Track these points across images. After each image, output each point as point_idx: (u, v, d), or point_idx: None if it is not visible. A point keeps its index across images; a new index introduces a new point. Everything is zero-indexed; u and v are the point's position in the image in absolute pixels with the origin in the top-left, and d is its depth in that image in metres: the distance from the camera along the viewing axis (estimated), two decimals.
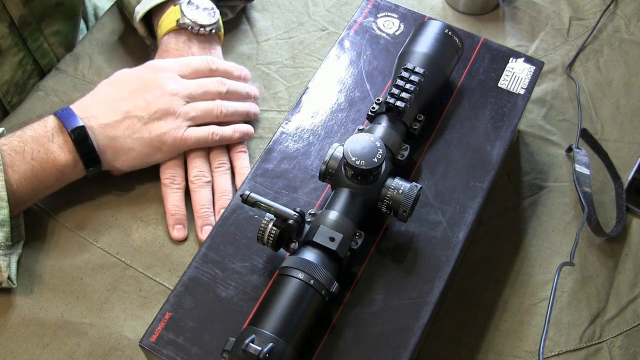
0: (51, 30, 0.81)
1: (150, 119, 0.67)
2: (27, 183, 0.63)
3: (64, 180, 0.66)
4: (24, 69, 0.80)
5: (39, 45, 0.80)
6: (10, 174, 0.62)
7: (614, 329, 0.65)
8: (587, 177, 0.71)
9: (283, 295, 0.52)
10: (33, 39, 0.79)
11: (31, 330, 0.63)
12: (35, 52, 0.80)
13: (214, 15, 0.75)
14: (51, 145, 0.64)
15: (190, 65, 0.72)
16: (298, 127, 0.66)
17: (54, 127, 0.64)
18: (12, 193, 0.62)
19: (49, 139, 0.64)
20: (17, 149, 0.63)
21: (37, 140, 0.64)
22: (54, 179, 0.65)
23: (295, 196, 0.62)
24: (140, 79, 0.69)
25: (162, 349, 0.54)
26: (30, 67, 0.81)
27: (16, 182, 0.62)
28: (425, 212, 0.61)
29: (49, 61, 0.83)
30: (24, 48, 0.79)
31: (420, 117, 0.63)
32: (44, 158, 0.63)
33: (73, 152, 0.64)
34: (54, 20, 0.81)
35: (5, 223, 0.61)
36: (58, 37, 0.82)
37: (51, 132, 0.64)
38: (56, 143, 0.64)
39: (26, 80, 0.81)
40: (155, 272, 0.67)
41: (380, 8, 0.74)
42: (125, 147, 0.67)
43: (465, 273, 0.67)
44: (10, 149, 0.63)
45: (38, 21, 0.79)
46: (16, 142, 0.63)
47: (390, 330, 0.55)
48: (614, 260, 0.69)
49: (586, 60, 0.83)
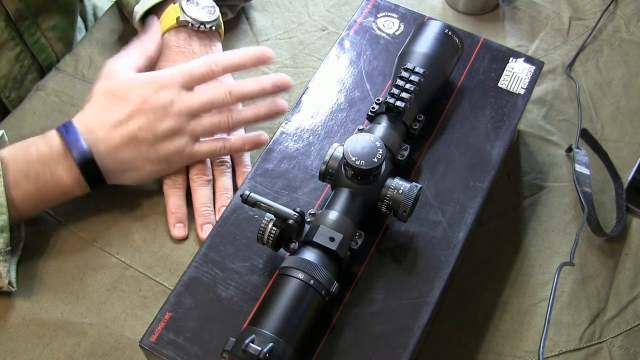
0: (48, 24, 0.81)
1: (157, 140, 0.66)
2: (31, 201, 0.63)
3: (67, 197, 0.66)
4: (21, 64, 0.80)
5: (36, 40, 0.80)
6: (14, 191, 0.61)
7: (614, 329, 0.65)
8: (587, 177, 0.71)
9: (283, 295, 0.52)
10: (30, 34, 0.79)
11: (31, 330, 0.63)
12: (33, 46, 0.80)
13: (214, 13, 0.75)
14: (57, 168, 0.63)
15: (193, 75, 0.68)
16: (298, 127, 0.66)
17: (60, 150, 0.63)
18: (13, 208, 0.61)
19: (55, 161, 0.63)
20: (22, 169, 0.62)
21: (42, 161, 0.63)
22: (57, 197, 0.65)
23: (295, 196, 0.62)
24: (144, 99, 0.65)
25: (162, 349, 0.54)
26: (27, 62, 0.81)
27: (18, 199, 0.62)
28: (425, 212, 0.61)
29: (47, 56, 0.83)
30: (21, 42, 0.78)
31: (420, 117, 0.63)
32: (48, 180, 0.63)
33: (79, 175, 0.64)
34: (51, 14, 0.81)
35: (5, 229, 0.61)
36: (55, 31, 0.82)
37: (57, 154, 0.63)
38: (62, 166, 0.63)
39: (24, 76, 0.81)
40: (155, 272, 0.67)
41: (380, 8, 0.74)
42: (133, 168, 0.66)
43: (465, 273, 0.67)
44: (15, 169, 0.62)
45: (34, 15, 0.78)
46: (21, 162, 0.62)
47: (390, 330, 0.55)
48: (614, 260, 0.69)
49: (586, 60, 0.83)
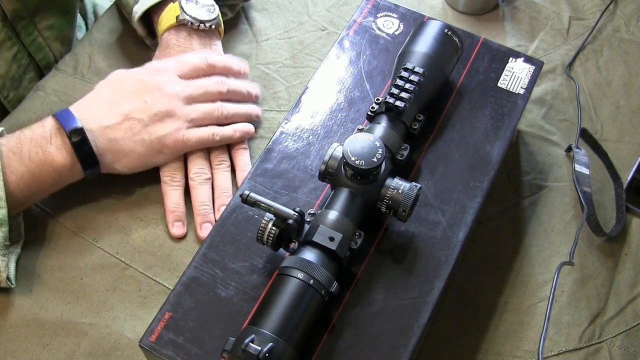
0: (45, 24, 0.81)
1: (150, 121, 0.67)
2: (24, 184, 0.63)
3: (61, 182, 0.66)
4: (18, 64, 0.80)
5: (34, 40, 0.80)
6: (8, 175, 0.62)
7: (614, 329, 0.65)
8: (587, 177, 0.71)
9: (283, 295, 0.51)
10: (27, 33, 0.79)
11: (31, 330, 0.63)
12: (30, 46, 0.80)
13: (214, 11, 0.75)
14: (49, 147, 0.63)
15: (188, 65, 0.71)
16: (298, 127, 0.66)
17: (52, 128, 0.64)
18: (9, 194, 0.61)
19: (47, 140, 0.63)
20: (15, 150, 0.62)
21: (35, 141, 0.63)
22: (51, 180, 0.64)
23: (295, 196, 0.62)
24: (139, 81, 0.68)
25: (162, 348, 0.54)
26: (25, 62, 0.81)
27: (13, 184, 0.62)
28: (425, 212, 0.61)
29: (44, 56, 0.83)
30: (18, 42, 0.78)
31: (419, 117, 0.63)
32: (41, 159, 0.63)
33: (71, 153, 0.64)
34: (48, 14, 0.81)
35: (4, 223, 0.61)
36: (53, 31, 0.82)
37: (49, 133, 0.64)
38: (54, 144, 0.63)
39: (22, 75, 0.81)
40: (155, 272, 0.67)
41: (379, 8, 0.74)
42: (125, 150, 0.66)
43: (465, 273, 0.67)
44: (7, 149, 0.62)
45: (31, 15, 0.78)
46: (14, 143, 0.63)
47: (390, 330, 0.55)
48: (614, 260, 0.69)
49: (586, 60, 0.83)
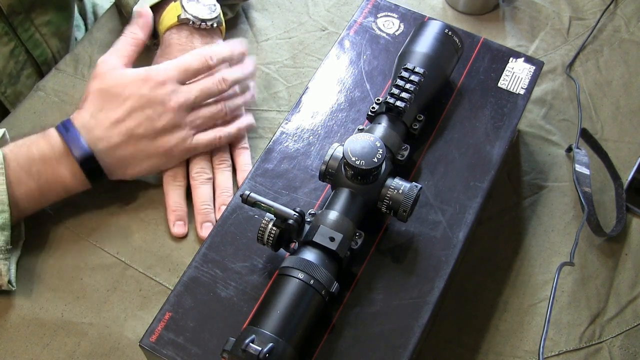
0: (42, 20, 0.81)
1: (156, 135, 0.66)
2: (32, 199, 0.64)
3: (68, 194, 0.66)
4: (16, 60, 0.80)
5: (31, 36, 0.80)
6: (15, 186, 0.62)
7: (614, 329, 0.65)
8: (587, 177, 0.71)
9: (283, 295, 0.51)
10: (24, 29, 0.79)
11: (31, 330, 0.63)
12: (27, 42, 0.80)
13: (215, 10, 0.75)
14: (59, 168, 0.64)
15: (189, 70, 0.69)
16: (298, 127, 0.66)
17: (61, 150, 0.64)
18: (15, 205, 0.62)
19: (57, 161, 0.64)
20: (24, 167, 0.63)
21: (45, 161, 0.63)
22: (59, 194, 0.66)
23: (295, 196, 0.62)
24: (141, 97, 0.66)
25: (162, 349, 0.54)
26: (22, 58, 0.80)
27: (20, 197, 0.62)
28: (425, 212, 0.61)
29: (42, 52, 0.83)
30: (15, 38, 0.78)
31: (420, 117, 0.63)
32: (50, 179, 0.64)
33: (80, 173, 0.64)
34: (45, 10, 0.80)
35: (6, 227, 0.61)
36: (50, 27, 0.82)
37: (58, 153, 0.64)
38: (63, 165, 0.64)
39: (19, 71, 0.81)
40: (155, 272, 0.67)
41: (380, 8, 0.74)
42: (134, 164, 0.67)
43: (465, 273, 0.67)
44: (17, 166, 0.62)
45: (28, 11, 0.78)
46: (22, 160, 0.63)
47: (390, 330, 0.55)
48: (614, 260, 0.69)
49: (586, 60, 0.83)
